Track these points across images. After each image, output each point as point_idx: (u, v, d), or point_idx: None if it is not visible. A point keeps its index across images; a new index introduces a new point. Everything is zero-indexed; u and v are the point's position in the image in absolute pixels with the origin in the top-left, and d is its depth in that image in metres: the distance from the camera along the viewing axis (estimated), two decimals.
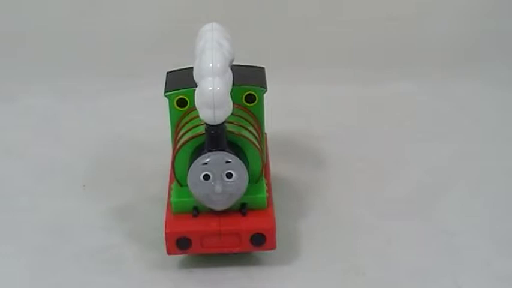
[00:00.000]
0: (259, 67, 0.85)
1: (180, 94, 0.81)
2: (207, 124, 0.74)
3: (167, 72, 0.85)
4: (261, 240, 0.76)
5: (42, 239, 0.83)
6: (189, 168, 0.75)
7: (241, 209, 0.77)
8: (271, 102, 0.86)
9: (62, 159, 0.96)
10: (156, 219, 0.78)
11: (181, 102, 0.81)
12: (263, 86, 0.82)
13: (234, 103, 0.76)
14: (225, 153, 0.75)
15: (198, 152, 0.75)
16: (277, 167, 0.89)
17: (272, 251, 0.77)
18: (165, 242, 0.76)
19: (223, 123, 0.74)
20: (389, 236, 0.82)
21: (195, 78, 0.75)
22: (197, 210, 0.77)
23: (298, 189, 0.89)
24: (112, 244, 0.82)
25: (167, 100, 0.81)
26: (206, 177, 0.75)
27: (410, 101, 1.07)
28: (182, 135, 0.78)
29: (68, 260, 0.80)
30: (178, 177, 0.78)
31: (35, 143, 1.00)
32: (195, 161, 0.75)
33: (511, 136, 0.99)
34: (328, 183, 0.91)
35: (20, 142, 1.00)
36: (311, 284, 0.77)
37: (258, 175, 0.78)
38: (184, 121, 0.80)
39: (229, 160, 0.75)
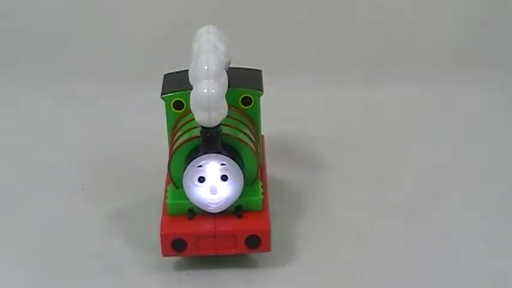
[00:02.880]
0: (256, 70, 0.85)
1: (176, 96, 0.81)
2: (202, 126, 0.74)
3: (164, 75, 0.85)
4: (256, 242, 0.76)
5: (41, 242, 0.83)
6: (184, 170, 0.75)
7: (237, 211, 0.77)
8: (270, 104, 0.86)
9: (60, 163, 0.96)
10: (153, 222, 0.78)
11: (178, 105, 0.81)
12: (259, 88, 0.82)
13: (230, 105, 0.76)
14: (220, 155, 0.75)
15: (193, 154, 0.76)
16: (274, 169, 0.89)
17: (267, 253, 0.77)
18: (160, 243, 0.76)
19: (218, 125, 0.74)
20: (387, 238, 0.82)
21: (190, 80, 0.75)
22: (192, 212, 0.77)
23: (295, 192, 0.89)
24: (110, 247, 0.82)
25: (164, 102, 0.81)
26: (201, 179, 0.75)
27: (408, 105, 1.07)
28: (178, 138, 0.78)
29: (65, 264, 0.80)
30: (174, 179, 0.78)
31: (33, 147, 1.00)
32: (190, 163, 0.75)
33: (510, 139, 0.99)
34: (325, 186, 0.91)
35: (18, 146, 1.01)
36: (307, 287, 0.77)
37: (254, 177, 0.79)
38: (180, 123, 0.80)
39: (224, 163, 0.75)
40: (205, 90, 0.72)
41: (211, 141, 0.74)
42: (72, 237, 0.84)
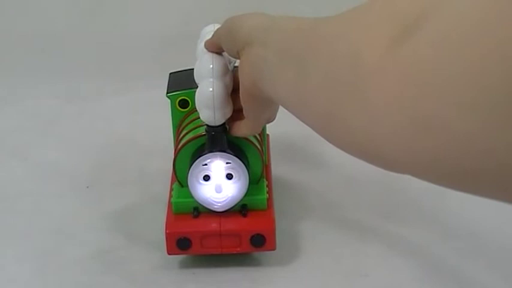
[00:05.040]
0: None
1: (181, 95, 0.81)
2: (207, 125, 0.74)
3: (170, 73, 0.85)
4: (261, 241, 0.76)
5: (45, 240, 0.83)
6: (189, 169, 0.75)
7: (242, 210, 0.77)
8: None
9: (65, 161, 0.97)
10: (158, 220, 0.78)
11: (183, 103, 0.81)
12: None
13: None
14: (226, 154, 0.75)
15: (198, 152, 0.76)
16: (279, 168, 0.90)
17: (272, 252, 0.77)
18: (165, 242, 0.76)
19: (223, 124, 0.74)
20: (392, 237, 0.82)
21: (195, 79, 0.75)
22: (197, 211, 0.77)
23: (300, 191, 0.89)
24: (115, 245, 0.82)
25: (169, 101, 0.82)
26: (206, 178, 0.75)
27: None
28: (183, 136, 0.78)
29: (70, 261, 0.80)
30: (179, 178, 0.78)
31: (38, 145, 1.00)
32: (195, 162, 0.75)
33: None
34: (330, 185, 0.91)
35: (23, 144, 1.01)
36: (312, 286, 0.77)
37: (259, 176, 0.79)
38: (185, 122, 0.80)
39: (230, 161, 0.75)
40: (211, 89, 0.72)
41: (217, 140, 0.74)
42: (77, 235, 0.84)
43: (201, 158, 0.75)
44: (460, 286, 0.76)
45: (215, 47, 0.74)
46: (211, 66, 0.73)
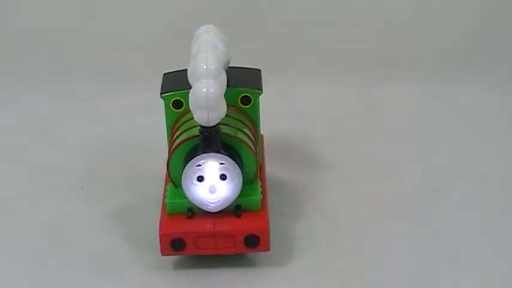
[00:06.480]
0: (256, 69, 0.85)
1: (175, 96, 0.81)
2: (201, 126, 0.74)
3: (164, 74, 0.85)
4: (255, 241, 0.76)
5: (40, 242, 0.83)
6: (183, 169, 0.75)
7: (236, 210, 0.77)
8: (270, 103, 0.86)
9: (60, 162, 0.96)
10: (153, 221, 0.78)
11: (177, 104, 0.81)
12: (259, 88, 0.82)
13: (229, 105, 0.76)
14: (219, 155, 0.75)
15: (192, 153, 0.76)
16: (273, 168, 0.90)
17: (266, 252, 0.77)
18: (159, 242, 0.76)
19: (217, 125, 0.74)
20: (387, 238, 0.82)
21: (189, 80, 0.75)
22: (192, 212, 0.77)
23: (295, 191, 0.89)
24: (110, 246, 0.82)
25: (163, 102, 0.82)
26: (200, 178, 0.75)
27: (408, 104, 1.07)
28: (177, 137, 0.78)
29: (64, 263, 0.80)
30: (173, 179, 0.78)
31: (33, 146, 1.00)
32: (189, 163, 0.75)
33: (510, 139, 0.99)
34: (325, 185, 0.90)
35: (18, 145, 1.01)
36: (306, 286, 0.77)
37: (253, 177, 0.79)
38: (179, 122, 0.80)
39: (223, 162, 0.75)
40: (204, 90, 0.72)
41: (210, 141, 0.75)
42: (71, 236, 0.84)
43: (195, 158, 0.75)
44: (456, 286, 0.76)
45: None
46: (204, 67, 0.73)
